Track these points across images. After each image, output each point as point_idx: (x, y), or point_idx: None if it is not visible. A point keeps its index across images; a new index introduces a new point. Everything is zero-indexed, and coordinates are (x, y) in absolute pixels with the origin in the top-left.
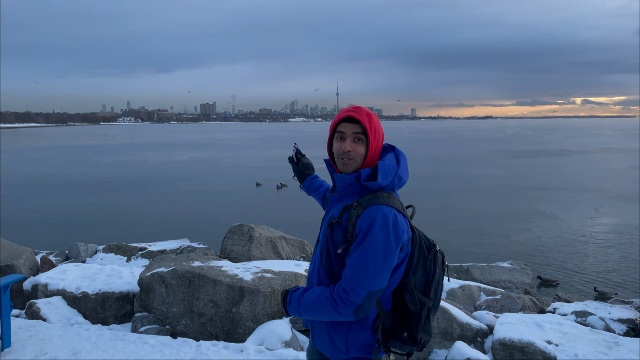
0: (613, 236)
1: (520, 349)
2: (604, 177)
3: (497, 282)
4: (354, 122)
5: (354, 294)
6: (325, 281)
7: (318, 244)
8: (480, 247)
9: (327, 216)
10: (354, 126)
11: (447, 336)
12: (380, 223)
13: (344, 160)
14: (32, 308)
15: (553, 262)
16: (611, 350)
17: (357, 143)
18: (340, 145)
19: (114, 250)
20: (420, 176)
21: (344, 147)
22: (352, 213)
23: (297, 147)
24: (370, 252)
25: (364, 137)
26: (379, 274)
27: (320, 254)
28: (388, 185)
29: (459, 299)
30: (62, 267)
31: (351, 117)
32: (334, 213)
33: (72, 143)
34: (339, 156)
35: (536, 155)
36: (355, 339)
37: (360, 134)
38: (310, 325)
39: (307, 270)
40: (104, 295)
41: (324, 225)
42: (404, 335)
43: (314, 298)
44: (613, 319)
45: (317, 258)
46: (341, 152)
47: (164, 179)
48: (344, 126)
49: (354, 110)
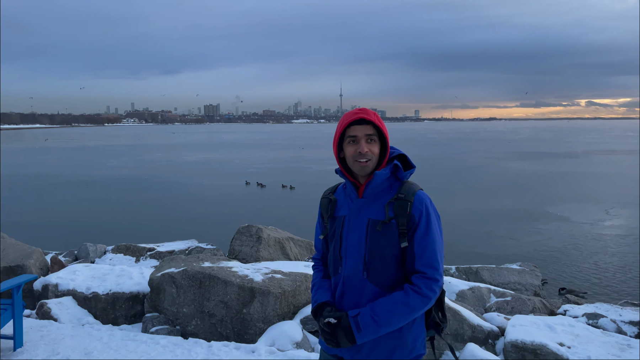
0: (623, 238)
1: (532, 351)
2: (614, 179)
3: (507, 284)
4: (364, 123)
5: (438, 273)
6: (377, 291)
7: (348, 258)
8: (489, 248)
9: (356, 224)
10: (366, 128)
11: (458, 338)
12: (431, 204)
13: (361, 162)
14: (43, 308)
15: (562, 264)
16: (624, 353)
17: (370, 144)
18: (355, 148)
19: (122, 251)
20: (430, 177)
21: (360, 149)
22: (403, 204)
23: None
24: (436, 230)
25: (377, 137)
26: (443, 250)
27: (365, 263)
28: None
29: (468, 300)
30: (72, 268)
31: (362, 118)
32: (372, 216)
33: (77, 144)
34: (356, 159)
35: (546, 157)
36: (419, 333)
37: (372, 135)
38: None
39: (343, 277)
40: (114, 296)
41: (355, 235)
42: (439, 315)
43: (393, 306)
44: (624, 321)
45: (357, 270)
46: (357, 154)
47: (170, 180)
48: (354, 129)
49: (362, 112)
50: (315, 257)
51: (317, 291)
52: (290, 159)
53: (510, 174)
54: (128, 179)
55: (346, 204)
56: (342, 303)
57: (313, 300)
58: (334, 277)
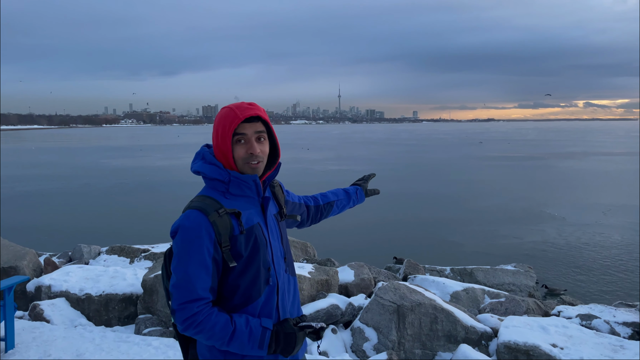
0: (619, 240)
1: (525, 352)
2: (612, 180)
3: (501, 285)
4: (253, 121)
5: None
6: (295, 280)
7: (276, 261)
8: (484, 249)
9: (272, 224)
10: (255, 125)
11: (451, 339)
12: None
13: (252, 164)
14: (35, 309)
15: (557, 265)
16: (616, 354)
17: (261, 142)
18: (246, 149)
19: (117, 252)
20: (426, 178)
21: (251, 150)
22: (277, 188)
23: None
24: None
25: (266, 135)
26: None
27: (285, 259)
28: None
29: (462, 301)
30: (66, 269)
31: (252, 116)
32: (273, 211)
33: (74, 145)
34: (247, 160)
35: (544, 157)
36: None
37: (262, 133)
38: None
39: (277, 283)
40: (107, 297)
41: (276, 227)
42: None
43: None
44: (618, 322)
45: (283, 269)
46: (248, 155)
47: (165, 181)
48: (243, 127)
49: (254, 107)
50: (202, 303)
51: (251, 324)
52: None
53: (507, 175)
54: (124, 180)
55: (250, 208)
56: (285, 310)
57: (254, 340)
58: (263, 294)
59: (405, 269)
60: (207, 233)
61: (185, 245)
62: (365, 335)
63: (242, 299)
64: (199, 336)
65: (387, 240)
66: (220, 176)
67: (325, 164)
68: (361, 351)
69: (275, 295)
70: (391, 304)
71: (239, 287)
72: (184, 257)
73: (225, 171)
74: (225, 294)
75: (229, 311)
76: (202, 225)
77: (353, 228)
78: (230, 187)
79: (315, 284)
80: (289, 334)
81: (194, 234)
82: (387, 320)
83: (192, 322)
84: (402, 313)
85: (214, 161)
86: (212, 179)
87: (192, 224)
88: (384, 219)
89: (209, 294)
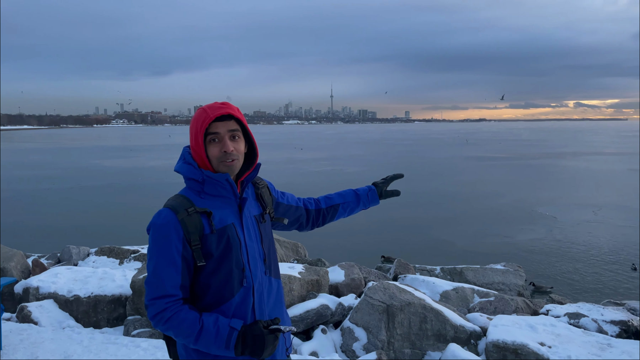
0: (609, 239)
1: (513, 351)
2: (602, 180)
3: (491, 284)
4: (226, 119)
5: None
6: (279, 282)
7: (251, 262)
8: (474, 248)
9: (249, 224)
10: (228, 123)
11: (440, 338)
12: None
13: (227, 162)
14: (23, 311)
15: (547, 264)
16: (604, 352)
17: (236, 141)
18: (220, 147)
19: (106, 253)
20: (417, 178)
21: (225, 148)
22: (263, 189)
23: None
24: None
25: (241, 134)
26: None
27: (265, 261)
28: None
29: (452, 301)
30: (54, 270)
31: (223, 115)
32: (255, 212)
33: (64, 145)
34: (222, 159)
35: (536, 157)
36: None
37: (236, 131)
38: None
39: (253, 285)
40: (96, 299)
41: (255, 228)
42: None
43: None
44: (606, 321)
45: (261, 270)
46: (222, 154)
47: (156, 181)
48: (215, 126)
49: (226, 106)
50: (171, 300)
51: (219, 324)
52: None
53: (499, 174)
54: (113, 180)
55: (225, 208)
56: (263, 312)
57: (220, 339)
58: (237, 295)
59: (396, 269)
60: (175, 231)
61: (155, 242)
62: (354, 335)
63: (214, 299)
64: (169, 332)
65: (378, 240)
66: (195, 176)
67: (320, 164)
68: (351, 351)
69: (250, 297)
70: (381, 303)
71: (210, 287)
72: (154, 254)
73: (199, 171)
74: (198, 293)
75: (202, 310)
76: (171, 224)
77: (344, 228)
78: (205, 187)
79: (306, 284)
80: (257, 335)
81: (164, 232)
82: (377, 320)
83: (161, 318)
84: (391, 313)
85: (190, 161)
86: (189, 179)
87: (162, 222)
88: (376, 219)
89: (178, 291)
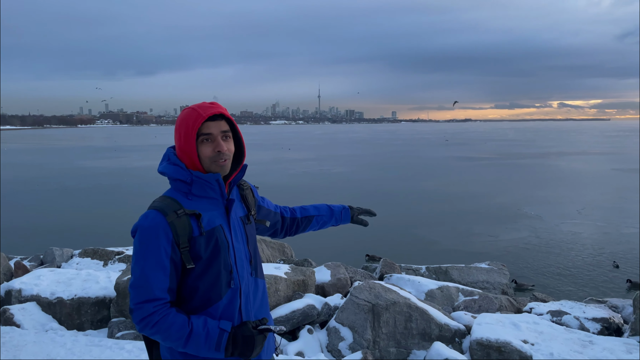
0: (592, 237)
1: (497, 349)
2: (586, 179)
3: (475, 283)
4: (217, 119)
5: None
6: (264, 283)
7: (238, 264)
8: (459, 247)
9: (236, 225)
10: (220, 124)
11: (425, 337)
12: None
13: (220, 162)
14: (5, 314)
15: (531, 262)
16: (586, 349)
17: (227, 141)
18: (213, 147)
19: (90, 255)
20: (402, 177)
21: (219, 148)
22: (247, 191)
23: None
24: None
25: (231, 134)
26: None
27: (251, 263)
28: None
29: (437, 300)
30: (37, 272)
31: (215, 114)
32: (240, 213)
33: (48, 145)
34: (215, 159)
35: (521, 157)
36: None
37: (227, 132)
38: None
39: (240, 286)
40: (79, 301)
41: (241, 229)
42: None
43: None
44: (588, 318)
45: (247, 271)
46: (216, 153)
47: (142, 181)
48: (208, 126)
49: (217, 106)
50: (159, 303)
51: (208, 326)
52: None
53: (485, 174)
54: (97, 181)
55: (213, 210)
56: (249, 313)
57: (210, 341)
58: (225, 297)
59: (382, 268)
60: (164, 234)
61: (143, 245)
62: (340, 334)
63: (202, 301)
64: (156, 337)
65: (364, 240)
66: (182, 177)
67: (308, 165)
68: (337, 351)
69: (237, 298)
70: (366, 303)
71: (198, 289)
72: (141, 257)
73: (188, 171)
74: (185, 295)
75: (189, 313)
76: (160, 226)
77: (331, 228)
78: (192, 188)
79: (292, 285)
80: (247, 336)
81: (152, 235)
82: (362, 319)
83: (149, 322)
84: (377, 312)
85: (177, 162)
86: (175, 180)
87: (150, 224)
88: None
89: (166, 294)
